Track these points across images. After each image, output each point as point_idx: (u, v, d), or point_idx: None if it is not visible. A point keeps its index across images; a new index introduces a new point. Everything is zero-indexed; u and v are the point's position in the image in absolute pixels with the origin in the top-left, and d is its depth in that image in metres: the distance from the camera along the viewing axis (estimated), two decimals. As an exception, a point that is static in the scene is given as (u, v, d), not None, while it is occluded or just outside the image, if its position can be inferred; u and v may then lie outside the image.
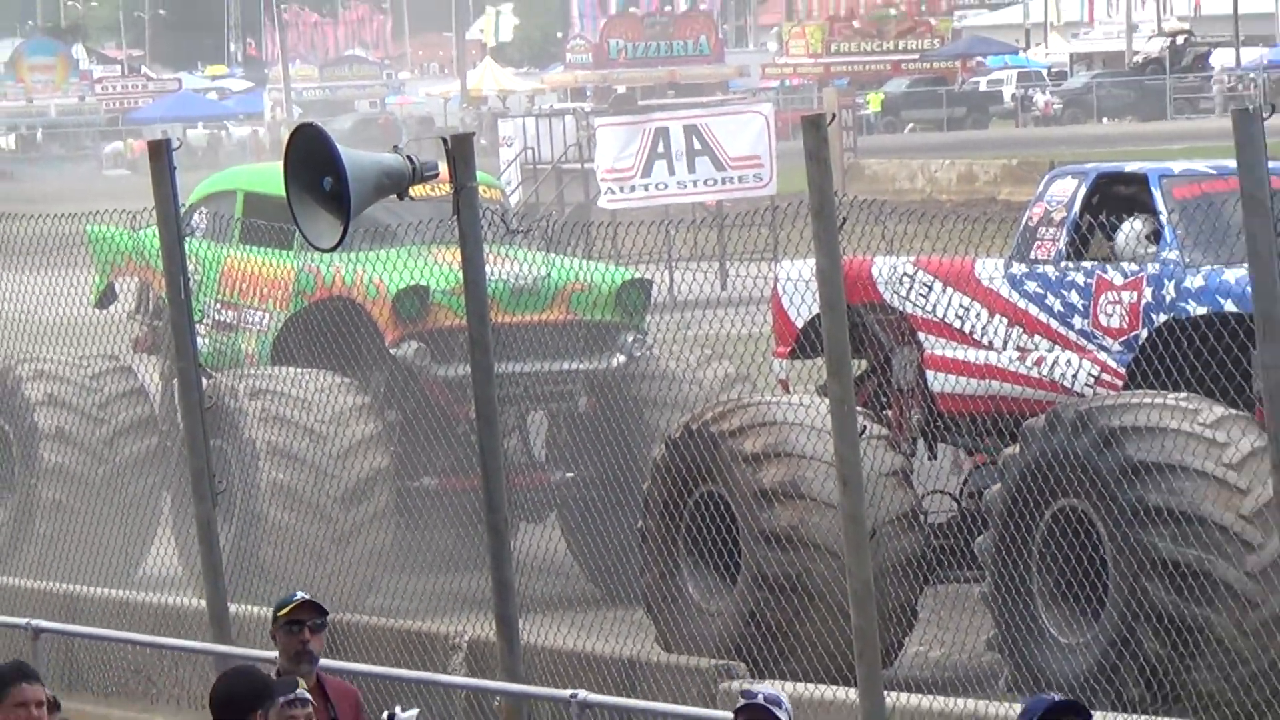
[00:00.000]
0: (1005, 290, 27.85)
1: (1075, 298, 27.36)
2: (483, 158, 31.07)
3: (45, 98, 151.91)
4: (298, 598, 20.21)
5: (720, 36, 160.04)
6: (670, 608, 27.42)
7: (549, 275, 33.89)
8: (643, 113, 53.31)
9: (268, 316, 33.73)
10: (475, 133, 35.21)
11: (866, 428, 24.96)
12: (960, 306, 27.92)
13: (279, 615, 19.97)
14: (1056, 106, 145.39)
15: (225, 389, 31.16)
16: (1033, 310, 27.63)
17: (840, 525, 24.12)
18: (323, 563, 30.16)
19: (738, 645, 25.98)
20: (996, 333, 27.70)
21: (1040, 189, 29.93)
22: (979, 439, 27.41)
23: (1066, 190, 28.62)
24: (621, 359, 33.36)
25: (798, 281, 27.64)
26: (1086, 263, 27.56)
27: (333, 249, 30.79)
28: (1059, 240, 27.88)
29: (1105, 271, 27.37)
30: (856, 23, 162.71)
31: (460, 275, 26.91)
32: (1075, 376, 26.70)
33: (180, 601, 29.19)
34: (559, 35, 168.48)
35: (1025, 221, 28.97)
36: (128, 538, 33.08)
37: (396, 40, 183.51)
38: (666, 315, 35.12)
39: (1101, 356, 26.78)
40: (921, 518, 26.80)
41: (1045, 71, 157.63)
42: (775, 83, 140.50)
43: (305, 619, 19.60)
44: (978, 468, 27.23)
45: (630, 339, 33.80)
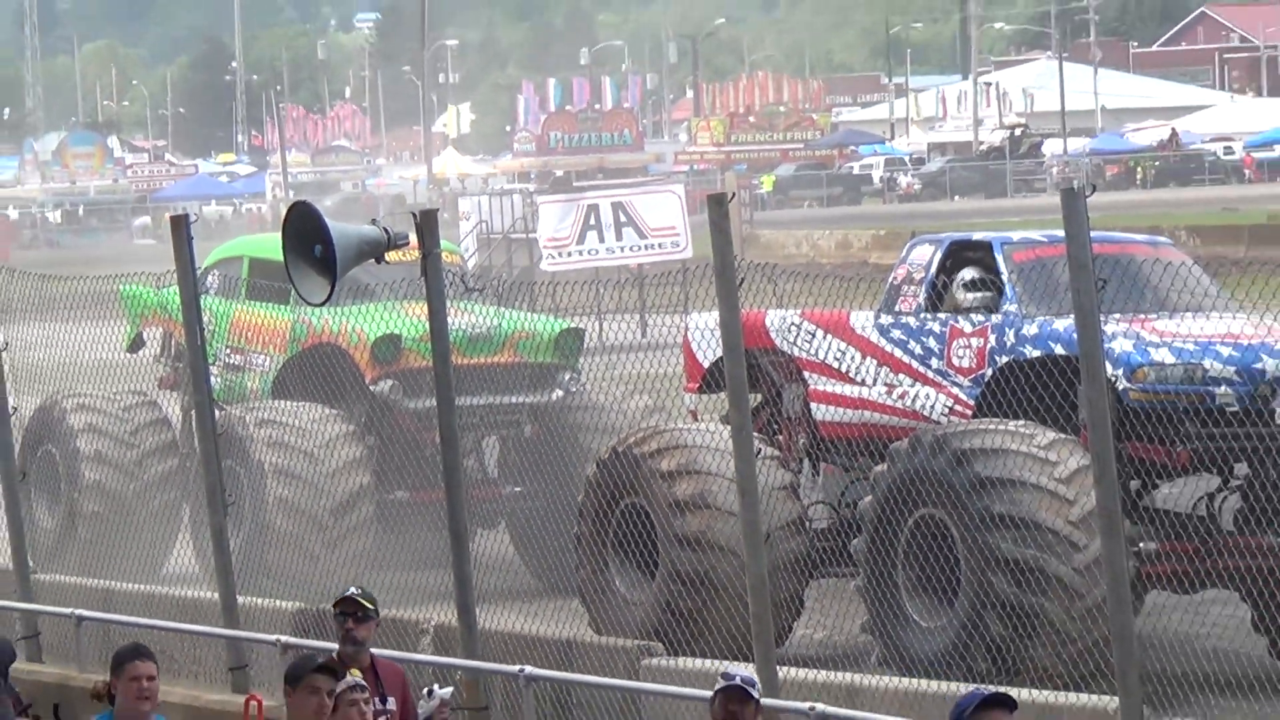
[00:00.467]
0: (875, 337, 28.17)
1: (932, 343, 27.67)
2: (445, 229, 31.29)
3: (86, 180, 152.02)
4: (348, 593, 20.81)
5: (640, 129, 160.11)
6: (600, 598, 27.69)
7: (499, 325, 34.20)
8: (577, 192, 53.52)
9: (269, 359, 34.10)
10: (439, 208, 35.31)
11: (761, 450, 25.23)
12: (838, 350, 28.24)
13: (334, 607, 20.73)
14: (916, 186, 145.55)
15: (235, 419, 31.50)
16: (897, 353, 27.95)
17: (740, 530, 24.47)
18: (316, 563, 30.59)
19: (656, 629, 26.23)
20: (868, 372, 27.99)
21: (903, 254, 30.22)
22: (854, 459, 27.68)
23: (925, 255, 28.94)
24: (560, 393, 33.78)
25: (704, 329, 27.92)
26: (941, 314, 27.87)
27: (322, 304, 31.24)
28: (919, 296, 28.21)
29: (957, 321, 27.68)
30: (752, 118, 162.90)
31: (427, 325, 27.29)
32: (933, 407, 26.96)
33: (197, 594, 29.43)
34: (508, 129, 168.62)
35: (891, 280, 29.28)
36: (154, 542, 33.31)
37: (374, 133, 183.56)
38: (596, 358, 35.35)
39: (954, 391, 27.07)
40: (807, 524, 27.07)
41: (907, 158, 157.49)
42: (686, 167, 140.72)
43: (350, 610, 20.15)
44: (853, 482, 27.50)
45: (567, 377, 34.20)
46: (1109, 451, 21.67)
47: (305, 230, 34.04)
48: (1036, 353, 26.11)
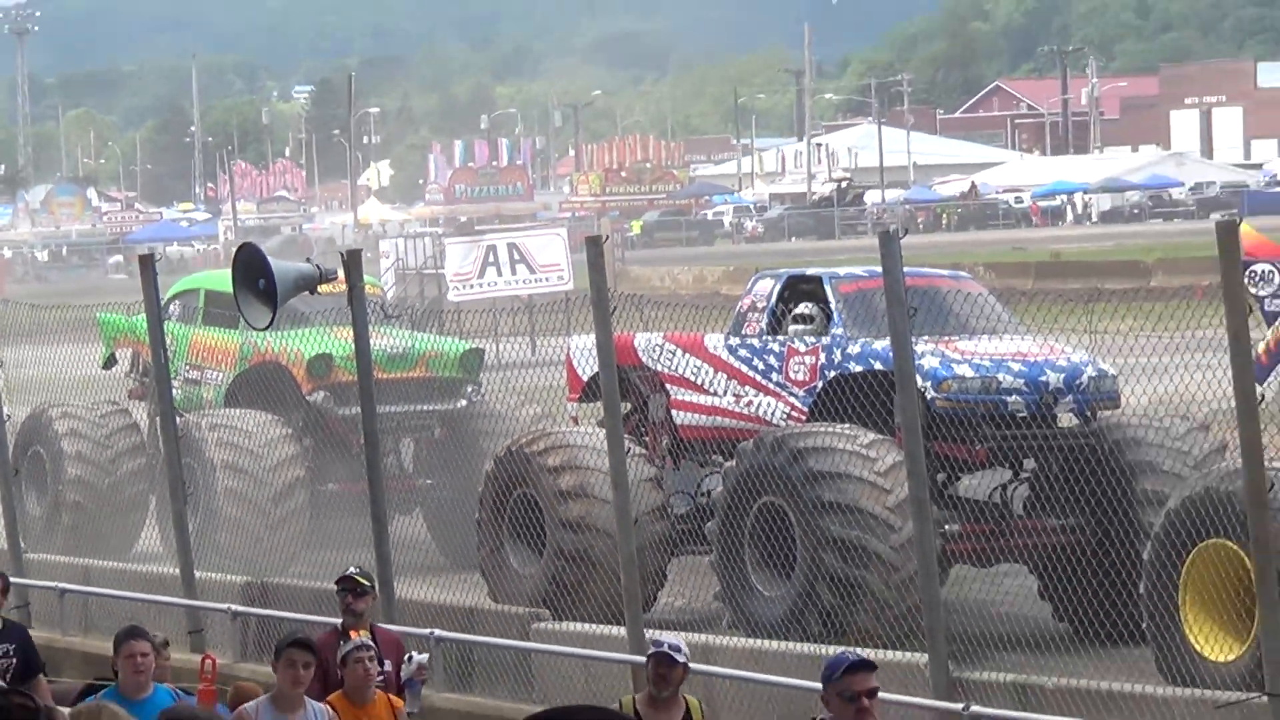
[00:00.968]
0: (725, 355, 28.16)
1: (773, 360, 27.68)
2: (368, 266, 31.31)
3: (69, 225, 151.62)
4: (348, 572, 20.97)
5: (530, 182, 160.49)
6: (497, 572, 27.72)
7: (413, 346, 34.30)
8: (478, 235, 53.25)
9: (221, 375, 34.16)
10: (363, 249, 35.51)
11: (631, 449, 25.32)
12: (695, 366, 28.25)
13: (336, 585, 20.83)
14: (760, 230, 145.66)
15: (192, 424, 31.64)
16: (744, 369, 27.96)
17: (613, 515, 24.56)
18: (259, 543, 30.63)
19: (544, 598, 26.30)
20: (719, 384, 27.99)
21: (749, 286, 30.26)
22: (708, 456, 27.71)
23: (766, 287, 28.97)
24: (464, 403, 33.83)
25: (583, 349, 27.92)
26: (780, 337, 27.91)
27: (265, 329, 31.35)
28: (761, 321, 28.24)
29: (793, 342, 27.73)
30: (624, 173, 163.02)
31: (353, 346, 27.35)
32: (773, 414, 26.98)
33: (161, 570, 29.44)
34: (420, 182, 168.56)
35: (738, 309, 29.33)
36: (125, 527, 33.48)
37: (309, 186, 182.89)
38: (494, 373, 35.38)
39: (791, 400, 27.10)
40: (669, 510, 27.13)
41: (752, 206, 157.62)
42: (568, 214, 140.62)
43: (350, 587, 20.15)
44: (707, 475, 27.58)
45: (470, 389, 34.20)
46: (919, 449, 21.83)
47: (251, 267, 34.24)
48: (859, 368, 26.18)
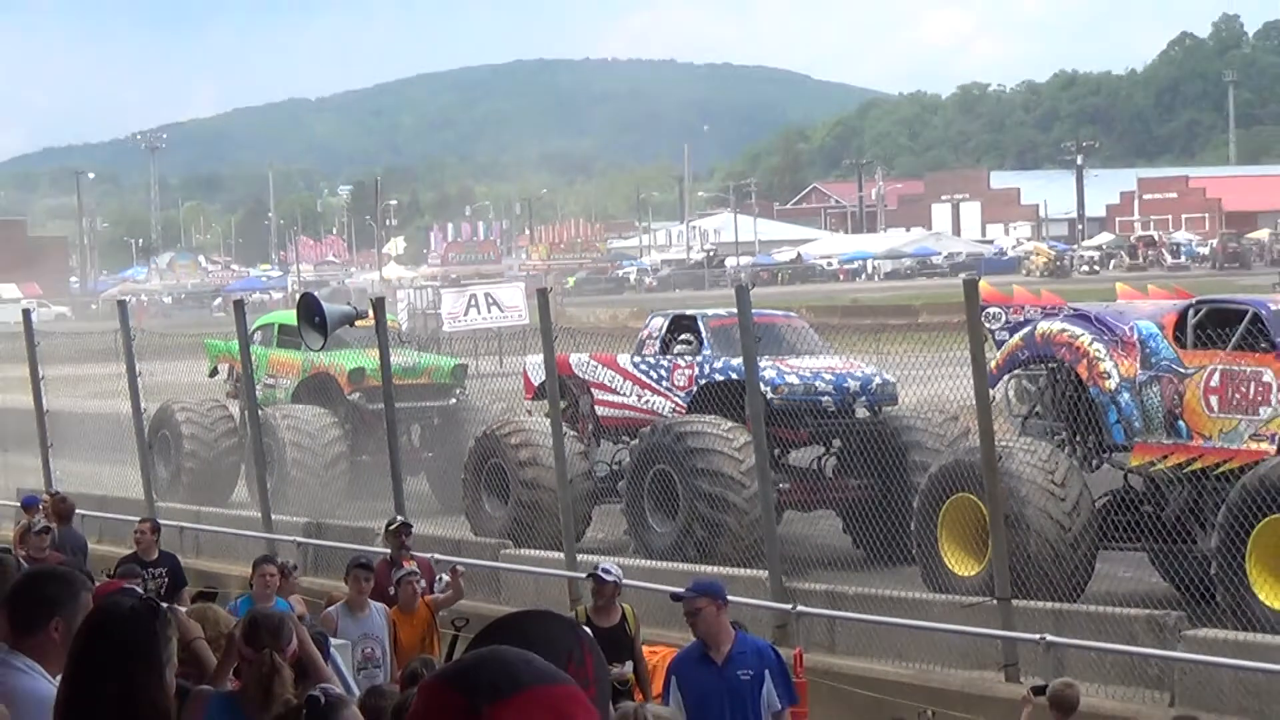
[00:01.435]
0: (631, 368, 28.12)
1: (663, 372, 27.65)
2: (388, 308, 31.37)
3: (185, 280, 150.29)
4: (396, 520, 20.63)
5: (499, 251, 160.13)
6: (477, 515, 27.65)
7: (420, 362, 34.48)
8: (464, 286, 53.14)
9: (289, 381, 34.31)
10: (385, 296, 35.56)
11: (567, 432, 25.45)
12: (610, 376, 28.22)
13: (387, 529, 20.48)
14: (654, 283, 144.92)
15: (270, 415, 31.63)
16: (644, 378, 27.91)
17: (555, 477, 24.61)
18: (315, 495, 30.66)
19: (508, 533, 26.22)
20: (627, 388, 27.97)
21: (647, 322, 30.28)
22: (620, 437, 27.68)
23: (659, 323, 28.98)
24: (454, 400, 33.96)
25: (535, 364, 27.89)
26: (668, 356, 27.90)
27: (319, 349, 31.31)
28: (655, 345, 28.24)
29: (677, 360, 27.71)
30: (562, 245, 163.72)
31: (379, 361, 27.34)
32: (664, 409, 26.97)
33: (248, 513, 29.41)
34: (425, 251, 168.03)
35: (640, 337, 29.33)
36: (224, 484, 33.24)
37: (349, 253, 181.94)
38: (474, 381, 35.32)
39: (675, 399, 27.05)
40: (593, 473, 27.17)
41: (649, 267, 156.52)
42: (524, 273, 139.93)
43: (402, 529, 19.83)
44: (619, 450, 27.69)
45: (458, 391, 34.32)
46: (762, 433, 22.10)
47: (309, 308, 34.31)
48: (721, 378, 26.13)
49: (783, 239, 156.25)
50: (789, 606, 19.81)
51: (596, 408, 28.09)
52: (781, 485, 24.30)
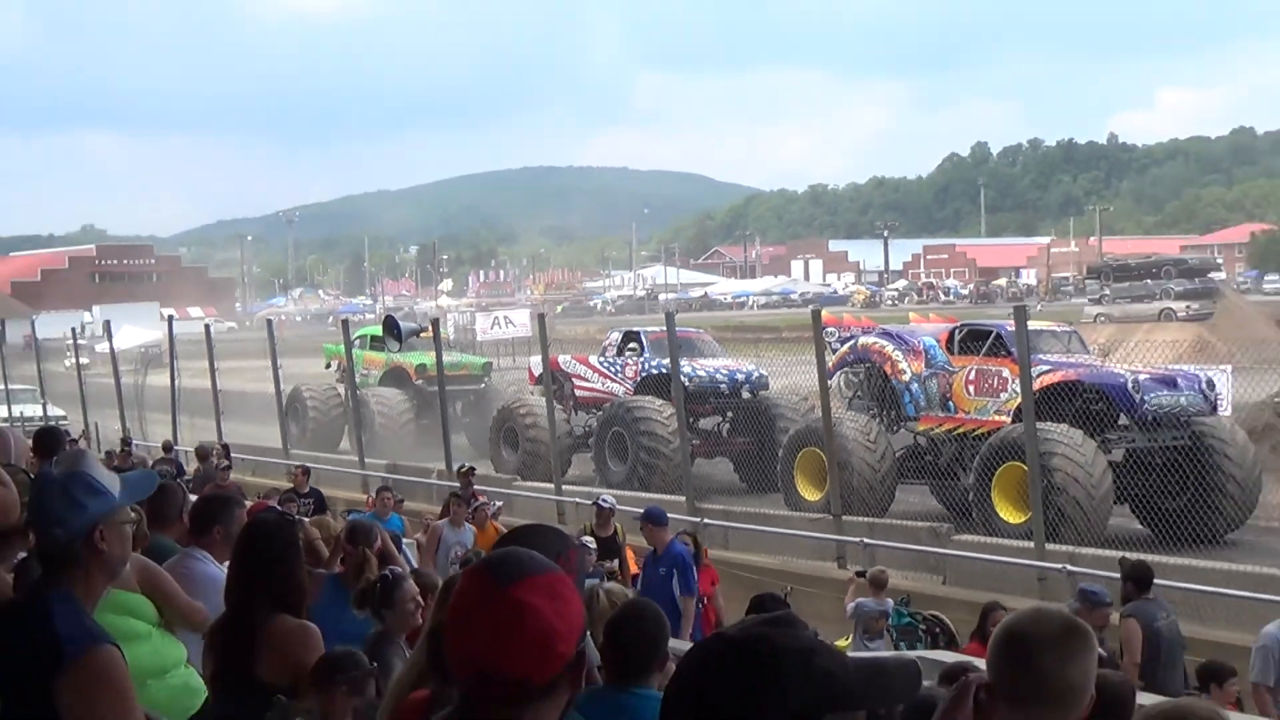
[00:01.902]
0: (598, 365, 27.89)
1: (618, 368, 27.44)
2: (441, 326, 31.11)
3: (309, 306, 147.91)
4: (465, 465, 20.15)
5: (513, 288, 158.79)
6: (498, 459, 27.13)
7: (461, 359, 34.26)
8: (490, 312, 52.64)
9: (377, 373, 33.69)
10: (438, 318, 34.98)
11: (556, 406, 25.16)
12: (584, 370, 27.98)
13: (459, 471, 19.80)
14: (613, 310, 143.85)
15: (364, 394, 31.02)
16: (606, 371, 27.70)
17: (550, 434, 24.37)
18: (392, 446, 30.03)
19: (518, 471, 26.20)
20: (595, 379, 27.71)
21: (608, 335, 30.05)
22: (590, 410, 27.40)
23: (615, 336, 28.77)
24: (483, 386, 33.51)
25: (535, 362, 27.63)
26: (621, 358, 27.71)
27: (396, 352, 31.06)
28: (613, 350, 28.02)
29: (628, 360, 27.54)
30: (554, 285, 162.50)
31: (434, 359, 27.12)
32: (619, 392, 26.81)
33: (351, 458, 28.85)
34: (465, 288, 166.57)
35: (604, 345, 29.12)
36: (334, 438, 32.68)
37: (416, 290, 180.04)
38: (497, 373, 35.14)
39: (626, 386, 26.86)
40: (573, 432, 26.77)
41: (610, 300, 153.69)
42: (529, 303, 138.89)
43: (468, 471, 19.33)
44: (590, 418, 27.37)
45: (486, 379, 33.95)
46: (681, 408, 21.89)
47: (390, 325, 34.08)
48: (656, 372, 25.93)
49: (695, 282, 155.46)
50: (699, 519, 19.77)
51: (575, 390, 27.79)
52: (694, 441, 24.16)
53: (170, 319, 36.61)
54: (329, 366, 36.42)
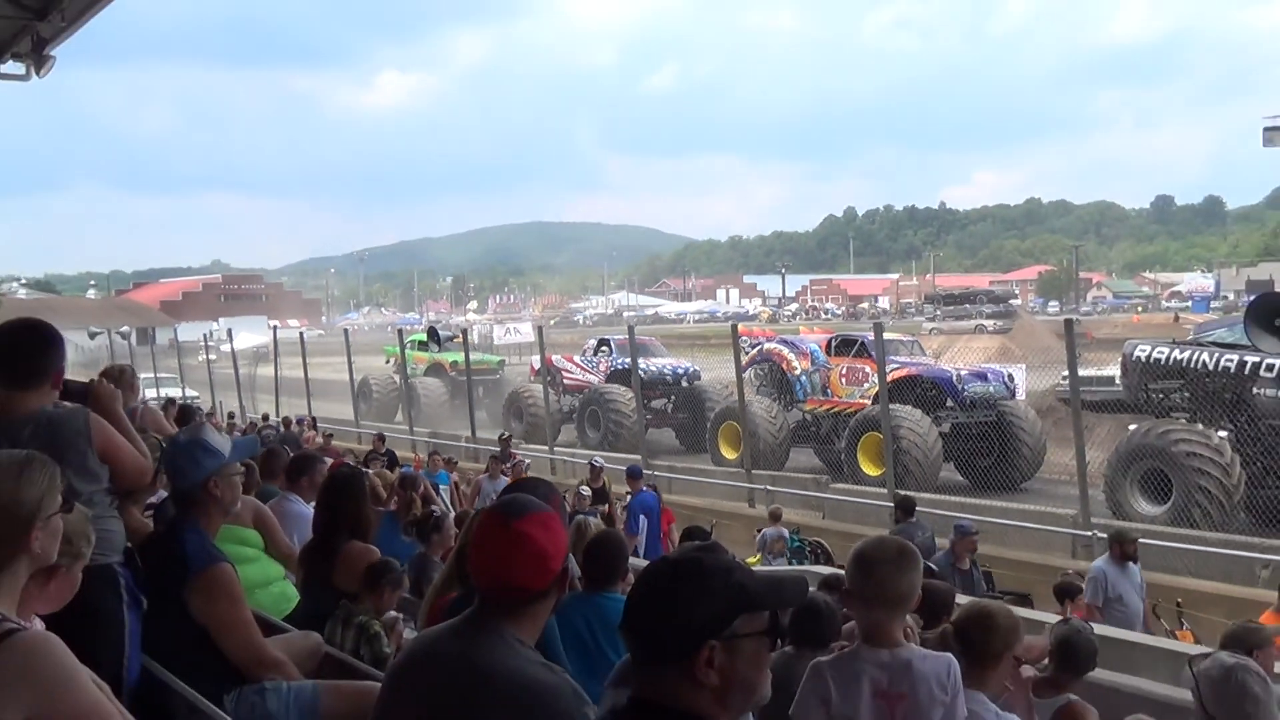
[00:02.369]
0: (580, 361, 27.68)
1: (594, 364, 27.29)
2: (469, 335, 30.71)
3: (374, 319, 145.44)
4: (505, 434, 19.56)
5: (520, 307, 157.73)
6: (508, 429, 26.77)
7: (482, 357, 33.64)
8: (503, 324, 52.79)
9: (423, 367, 33.05)
10: (466, 329, 34.60)
11: (550, 392, 24.89)
12: (570, 365, 27.70)
13: (500, 438, 19.02)
14: (590, 324, 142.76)
15: (413, 382, 30.40)
16: (586, 366, 27.48)
17: (545, 411, 24.12)
18: (433, 419, 29.40)
19: (524, 438, 25.40)
20: (578, 372, 27.41)
21: (587, 341, 29.76)
22: (574, 394, 27.07)
23: (593, 342, 28.54)
24: (498, 376, 32.94)
25: (535, 360, 27.44)
26: (596, 356, 27.53)
27: (437, 352, 30.64)
28: (591, 351, 27.79)
29: (601, 359, 27.37)
30: (549, 306, 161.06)
31: (463, 357, 26.80)
32: (595, 382, 26.62)
33: (402, 427, 27.98)
34: (486, 308, 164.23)
35: (584, 348, 28.81)
36: (391, 413, 31.75)
37: (451, 308, 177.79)
38: (508, 367, 34.73)
39: (600, 377, 26.61)
40: (562, 409, 26.39)
41: (588, 317, 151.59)
42: (531, 318, 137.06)
43: (507, 440, 18.72)
44: (573, 400, 27.08)
45: (500, 372, 33.49)
46: (638, 393, 21.70)
47: (433, 332, 33.63)
48: (621, 367, 25.75)
49: (648, 305, 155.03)
50: (651, 472, 19.67)
51: (564, 380, 27.42)
52: (648, 416, 24.08)
53: (275, 328, 36.86)
54: (388, 362, 35.87)
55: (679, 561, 2.12)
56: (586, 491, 14.39)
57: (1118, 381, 17.09)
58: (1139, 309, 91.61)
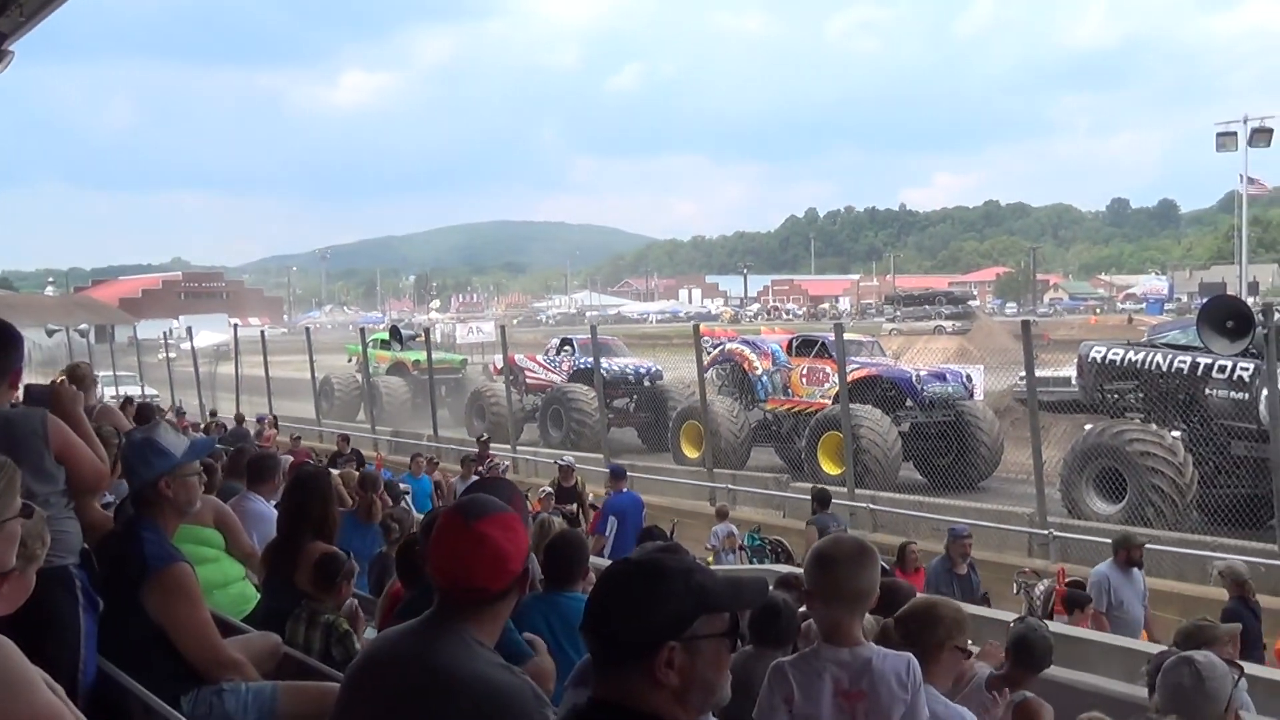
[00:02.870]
0: (543, 360, 27.60)
1: (557, 363, 27.21)
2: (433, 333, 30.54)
3: (336, 318, 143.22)
4: (484, 434, 19.49)
5: (483, 306, 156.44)
6: (471, 428, 26.58)
7: (445, 356, 33.30)
8: (466, 323, 52.01)
9: (384, 365, 32.64)
10: (429, 328, 34.34)
11: (513, 390, 24.83)
12: (533, 365, 27.62)
13: (479, 439, 18.89)
14: (553, 323, 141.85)
15: (375, 381, 30.10)
16: (548, 366, 27.38)
17: (507, 410, 23.96)
18: (395, 418, 29.23)
19: (484, 440, 25.70)
20: (540, 371, 27.35)
21: (550, 341, 29.72)
22: (537, 394, 26.98)
23: (555, 341, 28.48)
24: (460, 376, 32.60)
25: (497, 359, 27.23)
26: (559, 356, 27.45)
27: (400, 351, 30.37)
28: (554, 351, 27.69)
29: (563, 358, 27.29)
30: (512, 305, 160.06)
31: (426, 355, 26.60)
32: (557, 381, 26.53)
33: (364, 425, 27.77)
34: (449, 307, 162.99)
35: (547, 348, 28.75)
36: (353, 412, 31.28)
37: (414, 307, 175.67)
38: (471, 366, 34.49)
39: (563, 377, 26.55)
40: (524, 408, 26.33)
41: (550, 316, 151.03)
42: (494, 317, 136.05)
43: (486, 442, 18.56)
44: (537, 399, 26.99)
45: (462, 371, 33.17)
46: (600, 392, 21.64)
47: (395, 331, 33.37)
48: (583, 367, 25.67)
49: (611, 304, 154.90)
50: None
51: (526, 379, 27.32)
52: (610, 416, 24.02)
53: (235, 326, 36.36)
54: (350, 361, 35.50)
55: (640, 562, 2.11)
56: (549, 490, 14.36)
57: (1074, 382, 17.24)
58: (1096, 310, 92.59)
